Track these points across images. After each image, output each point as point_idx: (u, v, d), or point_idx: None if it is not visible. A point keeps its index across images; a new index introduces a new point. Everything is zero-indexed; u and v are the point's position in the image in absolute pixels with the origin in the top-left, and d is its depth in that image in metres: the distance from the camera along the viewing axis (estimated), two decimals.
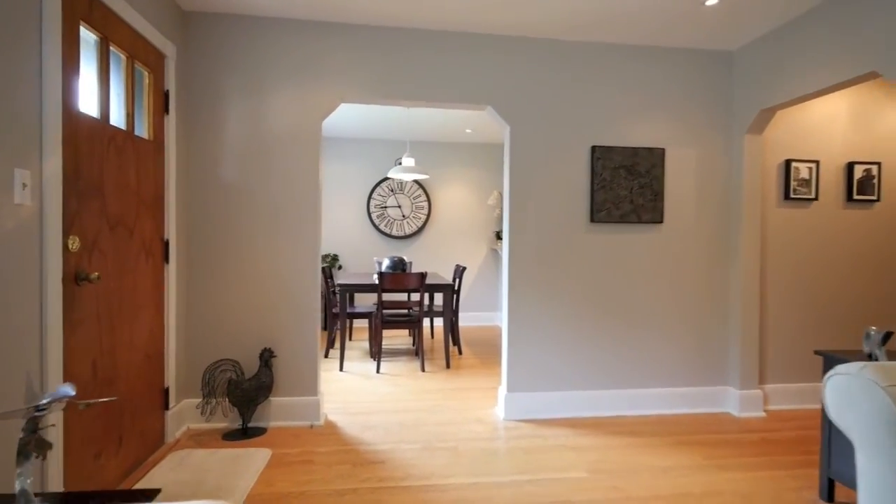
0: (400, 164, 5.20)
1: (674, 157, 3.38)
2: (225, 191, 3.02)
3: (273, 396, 3.06)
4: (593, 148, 3.28)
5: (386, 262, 4.95)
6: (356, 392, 3.76)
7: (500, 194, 6.67)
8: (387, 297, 6.45)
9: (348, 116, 5.43)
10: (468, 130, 6.07)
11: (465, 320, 6.77)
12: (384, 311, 5.29)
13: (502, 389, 3.31)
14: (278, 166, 3.06)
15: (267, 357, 2.97)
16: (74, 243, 1.91)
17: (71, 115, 1.91)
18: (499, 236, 6.71)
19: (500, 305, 6.84)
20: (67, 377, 1.89)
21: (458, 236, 6.75)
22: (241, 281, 3.04)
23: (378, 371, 4.33)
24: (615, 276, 3.34)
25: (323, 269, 4.90)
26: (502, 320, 3.29)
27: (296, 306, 3.08)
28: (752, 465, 2.63)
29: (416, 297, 6.03)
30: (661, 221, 3.34)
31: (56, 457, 1.80)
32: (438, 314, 4.96)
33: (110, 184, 2.19)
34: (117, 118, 2.33)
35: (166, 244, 2.76)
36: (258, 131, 3.04)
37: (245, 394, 2.88)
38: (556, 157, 3.28)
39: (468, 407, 3.44)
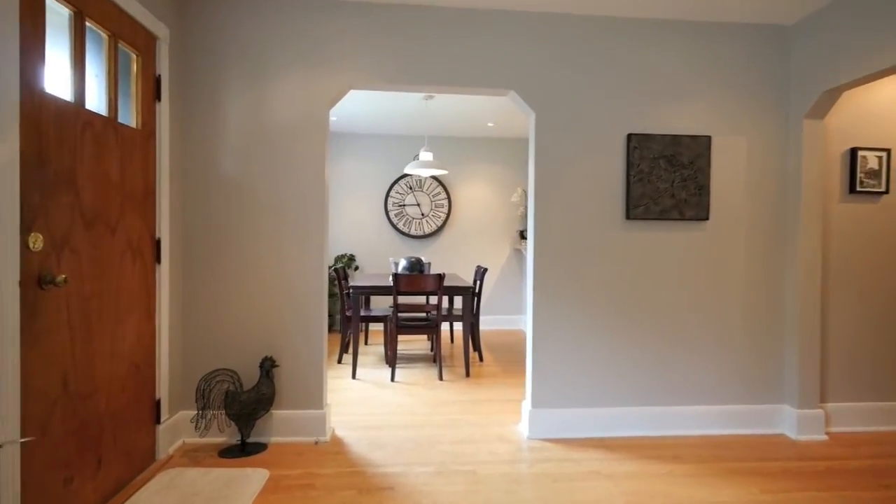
0: (417, 159, 4.92)
1: (721, 145, 3.00)
2: (224, 185, 2.79)
3: (275, 409, 2.81)
4: (629, 136, 2.93)
5: (402, 263, 4.68)
6: (368, 403, 3.49)
7: (525, 191, 6.33)
8: (403, 300, 6.19)
9: (364, 111, 5.18)
10: (490, 124, 5.75)
11: (487, 324, 6.45)
12: (400, 314, 5.02)
13: (526, 404, 2.99)
14: (282, 158, 2.81)
15: (268, 366, 2.72)
16: (37, 242, 1.68)
17: (33, 96, 1.68)
18: (523, 236, 6.37)
19: (523, 308, 6.49)
20: (29, 393, 1.66)
21: (479, 236, 6.44)
22: (242, 283, 2.80)
23: (392, 379, 4.05)
24: (654, 279, 2.98)
25: (337, 269, 4.66)
26: (526, 329, 2.97)
27: (301, 311, 2.82)
28: (821, 501, 2.25)
29: (434, 300, 5.75)
30: (706, 218, 2.97)
31: (10, 488, 1.56)
32: (458, 318, 4.66)
33: (86, 175, 1.96)
34: (97, 103, 2.11)
35: (157, 243, 2.53)
36: (261, 120, 2.79)
37: (243, 407, 2.63)
38: (587, 146, 2.94)
39: (489, 422, 3.13)
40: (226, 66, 2.76)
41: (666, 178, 2.94)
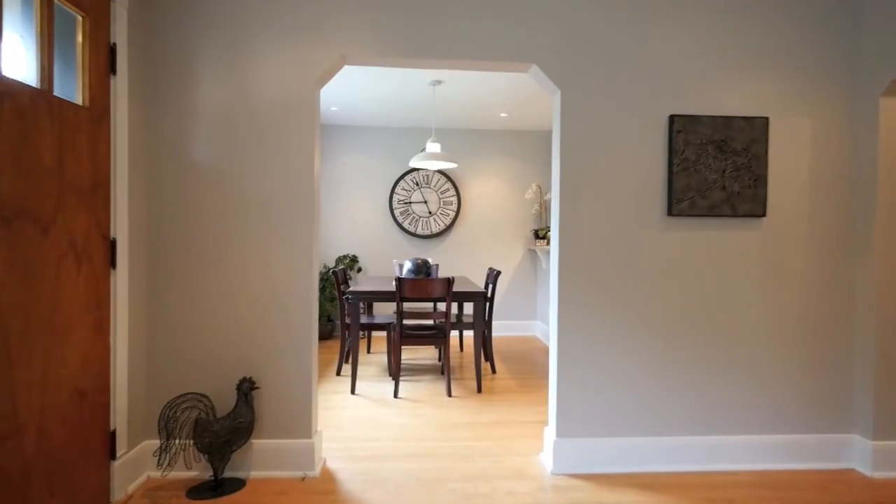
0: (424, 151, 4.50)
1: (781, 128, 2.55)
2: (197, 175, 2.38)
3: (255, 438, 2.40)
4: (672, 118, 2.49)
5: (407, 265, 4.25)
6: (367, 425, 3.07)
7: (540, 187, 5.89)
8: (409, 306, 5.77)
9: (366, 100, 4.76)
10: (503, 114, 5.32)
11: (499, 329, 6.02)
12: (405, 322, 4.60)
13: (550, 433, 2.55)
14: (265, 143, 2.40)
15: (246, 389, 2.31)
16: None
17: None
18: (537, 235, 5.93)
19: (538, 314, 6.05)
20: None
21: (491, 235, 6.01)
22: (217, 291, 2.39)
23: (396, 395, 3.63)
24: (699, 287, 2.54)
25: (335, 272, 4.25)
26: (550, 345, 2.54)
27: (286, 323, 2.41)
28: None
29: (442, 306, 5.32)
30: (762, 214, 2.52)
31: None
32: (469, 325, 4.23)
33: (2, 159, 1.56)
34: (24, 72, 1.70)
35: (112, 244, 2.12)
36: (240, 100, 2.38)
37: (216, 437, 2.22)
38: (622, 129, 2.50)
39: (505, 451, 2.70)
40: (201, 37, 2.36)
41: (715, 168, 2.49)
